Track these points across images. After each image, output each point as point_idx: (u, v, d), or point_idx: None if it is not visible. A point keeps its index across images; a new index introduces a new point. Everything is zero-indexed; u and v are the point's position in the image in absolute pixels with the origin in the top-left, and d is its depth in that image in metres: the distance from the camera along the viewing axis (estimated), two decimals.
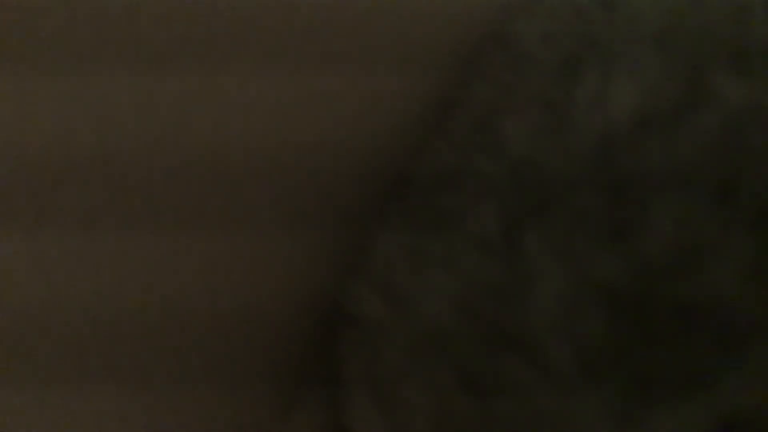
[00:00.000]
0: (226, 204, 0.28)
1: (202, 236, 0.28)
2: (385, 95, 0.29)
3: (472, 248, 0.24)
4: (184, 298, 0.28)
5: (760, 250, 0.22)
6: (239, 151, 0.29)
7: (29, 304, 0.28)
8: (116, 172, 0.29)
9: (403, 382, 0.24)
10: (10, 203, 0.28)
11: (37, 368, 0.28)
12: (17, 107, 0.29)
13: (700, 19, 0.25)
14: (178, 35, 0.29)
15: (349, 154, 0.29)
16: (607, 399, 0.22)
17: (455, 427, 0.23)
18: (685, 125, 0.24)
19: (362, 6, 0.29)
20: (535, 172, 0.25)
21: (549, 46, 0.27)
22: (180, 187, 0.29)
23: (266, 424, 0.27)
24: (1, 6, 0.29)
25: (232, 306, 0.28)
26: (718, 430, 0.21)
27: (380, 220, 0.27)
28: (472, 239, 0.25)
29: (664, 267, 0.22)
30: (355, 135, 0.29)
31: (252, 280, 0.28)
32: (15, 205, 0.28)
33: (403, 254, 0.25)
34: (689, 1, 0.26)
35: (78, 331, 0.28)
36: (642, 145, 0.24)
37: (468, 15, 0.29)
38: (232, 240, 0.28)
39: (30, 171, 0.29)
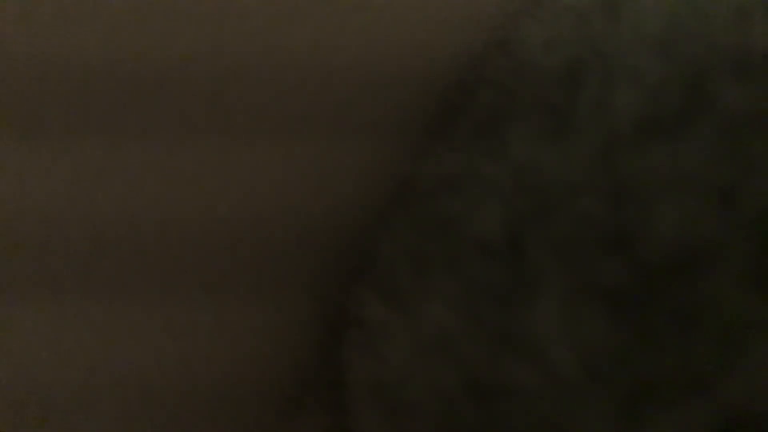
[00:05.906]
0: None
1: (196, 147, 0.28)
2: (387, 101, 0.29)
3: (475, 252, 0.25)
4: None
5: (761, 254, 0.22)
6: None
7: (62, 215, 0.28)
8: (148, 84, 0.28)
9: (407, 386, 0.24)
10: (39, 115, 0.28)
11: (60, 279, 0.28)
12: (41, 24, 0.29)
13: (701, 26, 0.25)
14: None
15: (352, 159, 0.29)
16: (610, 402, 0.22)
17: (459, 430, 0.23)
18: (686, 131, 0.24)
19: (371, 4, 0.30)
20: (537, 176, 0.25)
21: (552, 52, 0.27)
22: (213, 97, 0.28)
23: (271, 427, 0.27)
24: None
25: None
26: (720, 431, 0.21)
27: (384, 224, 0.27)
28: (475, 243, 0.25)
29: (665, 271, 0.22)
30: (357, 139, 0.29)
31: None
32: (44, 117, 0.28)
33: (406, 258, 0.25)
34: (690, 7, 0.26)
35: (106, 245, 0.28)
36: (644, 151, 0.24)
37: (472, 21, 0.29)
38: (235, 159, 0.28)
39: (60, 85, 0.29)
